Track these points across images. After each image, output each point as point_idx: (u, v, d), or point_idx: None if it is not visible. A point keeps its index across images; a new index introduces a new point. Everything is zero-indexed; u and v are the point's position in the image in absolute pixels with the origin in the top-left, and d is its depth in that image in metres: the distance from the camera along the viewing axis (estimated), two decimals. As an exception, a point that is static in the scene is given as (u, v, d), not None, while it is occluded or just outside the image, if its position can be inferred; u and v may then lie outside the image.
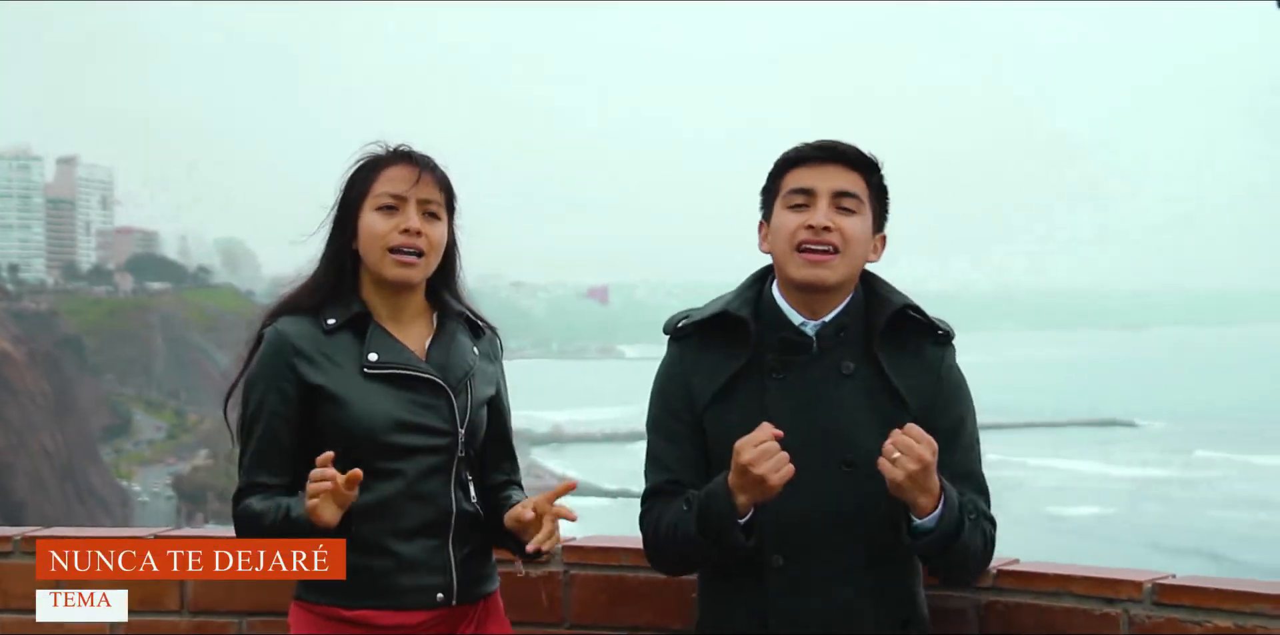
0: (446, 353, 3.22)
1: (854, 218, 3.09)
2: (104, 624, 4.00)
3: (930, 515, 2.92)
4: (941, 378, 3.10)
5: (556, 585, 3.80)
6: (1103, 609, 3.33)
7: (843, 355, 3.08)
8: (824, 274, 3.06)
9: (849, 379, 3.07)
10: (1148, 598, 3.29)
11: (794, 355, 3.08)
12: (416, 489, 3.15)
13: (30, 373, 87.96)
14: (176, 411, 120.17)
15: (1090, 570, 3.44)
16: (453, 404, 3.18)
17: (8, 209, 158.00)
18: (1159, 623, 3.27)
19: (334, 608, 3.16)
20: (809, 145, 3.15)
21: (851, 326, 3.10)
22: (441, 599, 3.17)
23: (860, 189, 3.11)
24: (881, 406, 3.05)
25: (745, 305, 3.14)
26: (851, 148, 3.14)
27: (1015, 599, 3.44)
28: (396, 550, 3.14)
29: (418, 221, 3.17)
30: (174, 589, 4.01)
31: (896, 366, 3.07)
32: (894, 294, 3.14)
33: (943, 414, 3.09)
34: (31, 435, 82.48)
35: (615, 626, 3.77)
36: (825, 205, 3.07)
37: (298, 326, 3.18)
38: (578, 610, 3.81)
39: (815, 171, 3.11)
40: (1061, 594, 3.38)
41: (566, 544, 3.82)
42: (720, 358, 3.13)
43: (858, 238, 3.09)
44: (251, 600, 3.95)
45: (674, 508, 3.06)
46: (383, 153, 3.24)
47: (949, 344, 3.14)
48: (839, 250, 3.06)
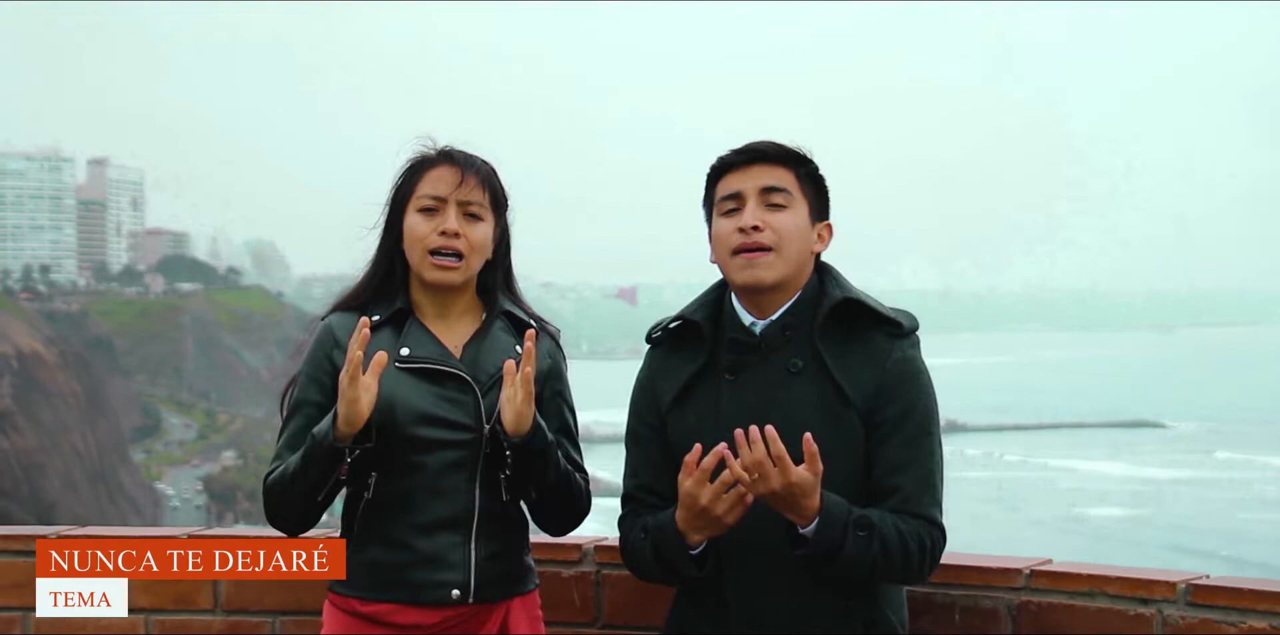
0: (480, 350, 3.23)
1: (784, 212, 3.08)
2: (138, 621, 4.03)
3: (806, 528, 2.91)
4: (887, 370, 3.04)
5: (589, 585, 3.81)
6: (1136, 609, 3.32)
7: (791, 353, 3.07)
8: (760, 273, 3.06)
9: (797, 377, 3.05)
10: (1182, 598, 3.28)
11: (745, 356, 3.09)
12: (437, 483, 3.15)
13: (62, 373, 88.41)
14: (207, 412, 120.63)
15: (1124, 571, 3.42)
16: (479, 400, 3.18)
17: (39, 210, 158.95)
18: (1193, 623, 3.25)
19: (352, 601, 3.18)
20: (733, 150, 3.16)
21: (799, 324, 3.09)
22: (458, 596, 3.15)
23: (788, 182, 3.10)
24: (828, 403, 3.03)
25: (702, 309, 3.17)
26: (772, 145, 3.13)
27: (1048, 599, 3.43)
28: (414, 544, 3.15)
29: (456, 223, 3.19)
30: (207, 588, 4.02)
31: (841, 361, 3.04)
32: (838, 287, 3.12)
33: (887, 405, 3.03)
34: (63, 436, 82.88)
35: (647, 626, 3.76)
36: (753, 205, 3.07)
37: (344, 321, 3.24)
38: (610, 610, 3.81)
39: (740, 175, 3.11)
40: (1095, 594, 3.37)
41: (599, 544, 3.83)
42: (681, 362, 3.16)
43: (791, 232, 3.08)
44: (284, 600, 3.96)
45: (636, 528, 3.11)
46: (430, 153, 3.27)
47: (904, 336, 3.09)
48: (773, 247, 3.06)
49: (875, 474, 3.02)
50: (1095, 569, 3.42)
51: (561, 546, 3.80)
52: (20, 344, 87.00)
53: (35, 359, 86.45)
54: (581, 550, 3.81)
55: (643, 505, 3.17)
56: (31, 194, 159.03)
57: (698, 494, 2.89)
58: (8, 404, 77.71)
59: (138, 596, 4.02)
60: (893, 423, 3.02)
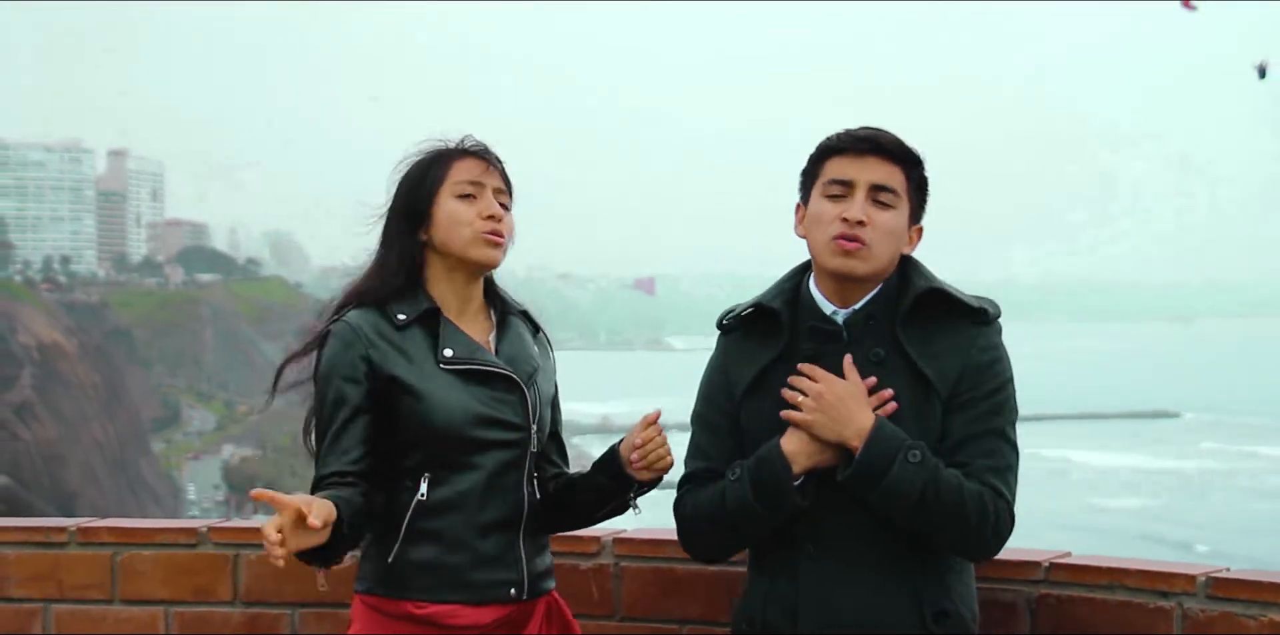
0: (514, 348, 3.25)
1: (889, 212, 3.07)
2: (157, 613, 4.05)
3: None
4: (970, 357, 3.05)
5: (607, 577, 3.81)
6: (1156, 602, 3.31)
7: (873, 343, 3.07)
8: (855, 265, 3.05)
9: (879, 366, 3.05)
10: (1201, 591, 3.26)
11: (825, 344, 3.08)
12: (494, 483, 3.16)
13: (81, 364, 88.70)
14: (226, 403, 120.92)
15: (1143, 563, 3.41)
16: (525, 398, 3.20)
17: (60, 201, 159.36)
18: (1213, 617, 3.24)
19: (404, 604, 3.14)
20: (851, 134, 3.12)
21: (882, 314, 3.09)
22: (514, 594, 3.17)
23: (898, 183, 3.09)
24: (911, 394, 3.03)
25: (780, 296, 3.15)
26: (894, 140, 3.11)
27: (1067, 592, 3.42)
28: (474, 545, 3.14)
29: (496, 207, 3.22)
30: (226, 580, 4.03)
31: (925, 350, 3.05)
32: (922, 278, 3.12)
33: (966, 390, 3.04)
34: (83, 426, 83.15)
35: (666, 619, 3.77)
36: (862, 198, 3.06)
37: (368, 319, 3.17)
38: (628, 602, 3.81)
39: (855, 162, 3.09)
40: (1115, 587, 3.35)
41: (617, 536, 3.83)
42: (757, 349, 3.15)
43: (891, 232, 3.07)
44: (304, 592, 3.96)
45: (715, 485, 3.09)
46: (452, 146, 3.27)
47: (989, 324, 3.09)
48: (869, 243, 3.05)
49: (942, 450, 3.00)
50: (1114, 562, 3.41)
51: (580, 539, 3.79)
52: (41, 335, 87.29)
53: (55, 350, 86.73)
54: (600, 543, 3.82)
55: (709, 482, 3.14)
56: (52, 185, 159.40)
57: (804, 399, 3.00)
58: (28, 394, 77.98)
59: (157, 588, 4.05)
60: (964, 402, 3.02)
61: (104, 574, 4.06)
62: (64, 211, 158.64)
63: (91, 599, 4.07)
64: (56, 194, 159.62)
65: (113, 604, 4.06)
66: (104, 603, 4.07)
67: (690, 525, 3.16)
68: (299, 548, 2.87)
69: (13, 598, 4.11)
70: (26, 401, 77.42)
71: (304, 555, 2.94)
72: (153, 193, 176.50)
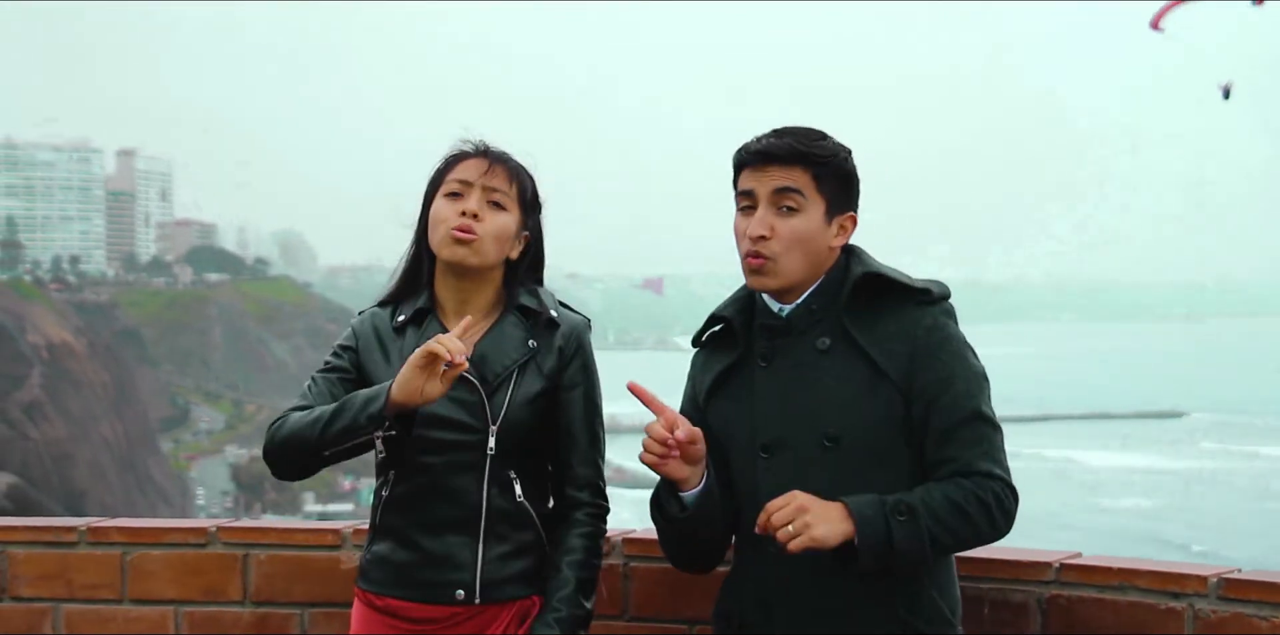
0: (491, 348, 3.22)
1: (796, 217, 3.05)
2: (167, 612, 4.05)
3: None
4: (918, 338, 3.02)
5: (616, 577, 3.79)
6: (1167, 603, 3.29)
7: (819, 332, 3.07)
8: (765, 280, 3.07)
9: (826, 355, 3.05)
10: (1213, 592, 3.25)
11: (775, 340, 3.10)
12: (444, 484, 3.17)
13: (91, 364, 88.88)
14: (234, 402, 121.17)
15: (1155, 564, 3.40)
16: (485, 401, 3.18)
17: (69, 201, 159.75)
18: (1225, 618, 3.23)
19: (369, 594, 3.24)
20: (747, 147, 3.11)
21: (826, 304, 3.09)
22: (462, 597, 3.16)
23: (802, 183, 3.06)
24: (861, 378, 3.02)
25: (733, 306, 3.19)
26: (786, 144, 3.06)
27: (1078, 592, 3.41)
28: (422, 544, 3.18)
29: (476, 205, 3.20)
30: (236, 580, 4.03)
31: (870, 334, 3.04)
32: (861, 264, 3.11)
33: (924, 371, 3.00)
34: (92, 425, 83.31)
35: (675, 619, 3.76)
36: (764, 209, 3.06)
37: (377, 316, 3.32)
38: (638, 602, 3.80)
39: (755, 174, 3.08)
40: (1126, 588, 3.34)
41: (627, 536, 3.82)
42: (718, 356, 3.20)
43: (799, 237, 3.05)
44: (313, 592, 3.97)
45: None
46: (465, 148, 3.29)
47: (935, 303, 3.07)
48: (774, 257, 3.05)
49: (926, 448, 2.99)
50: (1125, 562, 3.40)
51: (589, 539, 3.78)
52: (50, 334, 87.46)
53: (65, 349, 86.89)
54: (610, 542, 3.80)
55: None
56: (61, 185, 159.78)
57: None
58: (37, 394, 78.12)
59: (166, 588, 4.05)
60: (933, 393, 2.99)
61: (114, 573, 4.06)
62: (73, 211, 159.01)
63: (101, 599, 4.07)
64: (65, 194, 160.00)
65: (122, 604, 4.06)
66: (114, 602, 4.06)
67: (660, 541, 3.24)
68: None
69: (23, 597, 4.10)
70: (36, 401, 77.57)
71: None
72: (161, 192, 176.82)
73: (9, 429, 73.28)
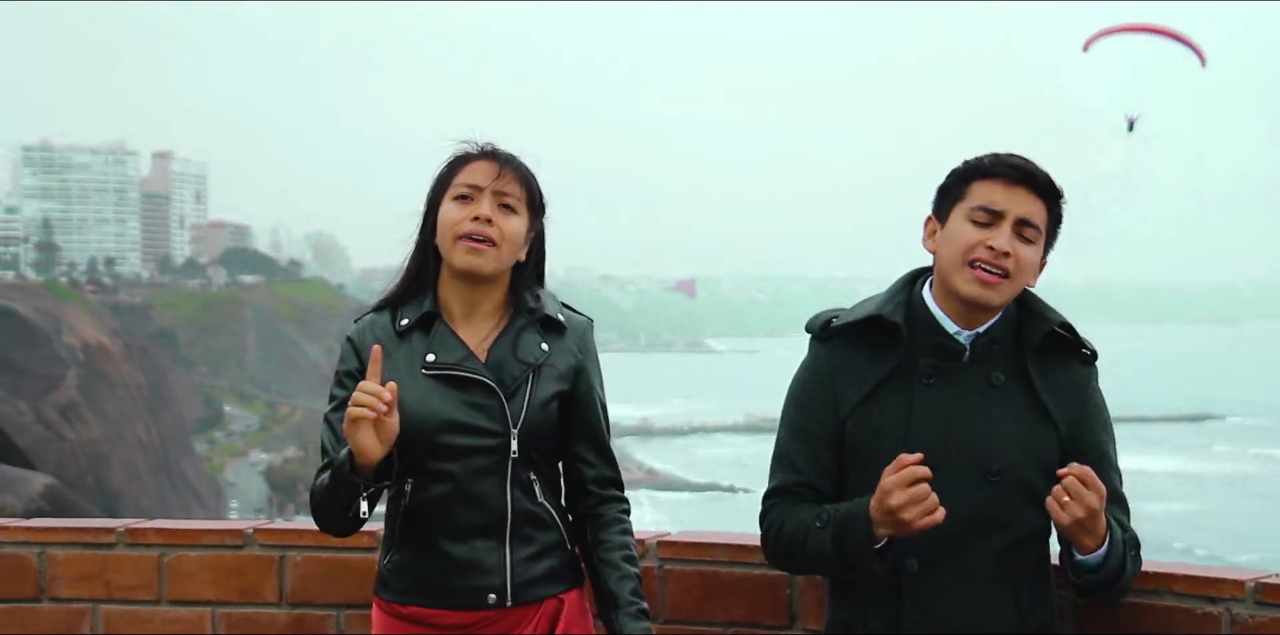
0: (506, 352, 3.20)
1: (1030, 247, 3.07)
2: (204, 613, 4.07)
3: (1094, 554, 2.99)
4: (1088, 398, 3.13)
5: (651, 580, 3.79)
6: (1204, 608, 3.28)
7: (994, 366, 3.08)
8: (990, 296, 3.05)
9: (998, 390, 3.07)
10: (1250, 597, 3.24)
11: (944, 361, 3.08)
12: (468, 490, 3.14)
13: (126, 365, 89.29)
14: (268, 403, 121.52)
15: (1191, 568, 3.38)
16: (504, 404, 3.16)
17: (104, 203, 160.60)
18: (1262, 622, 3.21)
19: (393, 603, 3.20)
20: (1003, 161, 3.09)
21: (1004, 339, 3.10)
22: (494, 600, 3.15)
23: (1042, 219, 3.09)
24: (1028, 421, 3.06)
25: (897, 310, 3.12)
26: (1044, 174, 3.09)
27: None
28: (448, 551, 3.15)
29: (489, 210, 3.17)
30: (272, 581, 4.05)
31: (1046, 383, 3.09)
32: (1049, 311, 3.15)
33: (1089, 433, 3.12)
34: (127, 426, 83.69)
35: (710, 622, 3.76)
36: (1009, 230, 3.05)
37: (376, 323, 3.24)
38: (672, 605, 3.81)
39: (1005, 192, 3.06)
40: (1162, 592, 3.33)
41: (661, 539, 3.83)
42: (869, 361, 3.11)
43: (1028, 267, 3.08)
44: (349, 594, 3.98)
45: (801, 517, 3.07)
46: (471, 149, 3.26)
47: (1093, 364, 3.17)
48: (1009, 275, 3.05)
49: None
50: (1161, 567, 3.38)
51: (624, 542, 3.78)
52: (86, 336, 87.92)
53: (100, 351, 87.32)
54: (644, 545, 3.80)
55: (799, 499, 3.13)
56: (96, 187, 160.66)
57: (892, 492, 2.88)
58: (73, 395, 78.52)
59: (204, 589, 4.07)
60: (1096, 453, 3.11)
61: (151, 575, 4.09)
62: (108, 213, 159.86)
63: (139, 599, 4.09)
64: (101, 196, 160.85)
65: (160, 604, 4.09)
66: (151, 603, 4.09)
67: (773, 547, 3.17)
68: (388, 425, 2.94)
69: (61, 598, 4.13)
70: (71, 402, 77.96)
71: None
72: (196, 194, 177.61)
73: (45, 430, 73.64)
